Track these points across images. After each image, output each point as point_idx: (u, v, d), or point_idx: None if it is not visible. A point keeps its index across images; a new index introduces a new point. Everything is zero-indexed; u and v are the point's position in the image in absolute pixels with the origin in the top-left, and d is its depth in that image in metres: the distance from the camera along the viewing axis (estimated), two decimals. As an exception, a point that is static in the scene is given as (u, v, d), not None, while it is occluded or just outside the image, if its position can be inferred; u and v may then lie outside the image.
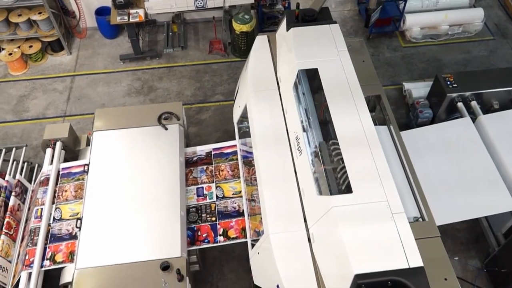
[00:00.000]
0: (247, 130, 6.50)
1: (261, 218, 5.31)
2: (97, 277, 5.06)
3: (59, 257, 5.40)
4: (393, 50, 9.31)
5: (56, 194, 5.97)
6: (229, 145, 6.51)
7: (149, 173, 5.92)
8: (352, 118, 5.25)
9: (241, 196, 5.95)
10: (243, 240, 5.58)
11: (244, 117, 6.47)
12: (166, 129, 6.39)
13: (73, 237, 5.54)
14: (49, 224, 5.71)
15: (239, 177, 6.13)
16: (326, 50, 5.98)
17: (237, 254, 6.39)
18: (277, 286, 4.52)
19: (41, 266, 5.32)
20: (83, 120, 8.12)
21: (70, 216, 5.76)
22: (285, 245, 4.67)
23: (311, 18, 6.42)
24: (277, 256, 4.58)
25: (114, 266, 5.11)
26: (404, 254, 4.10)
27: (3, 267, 5.50)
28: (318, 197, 4.77)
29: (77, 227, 5.53)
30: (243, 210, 5.81)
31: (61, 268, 5.36)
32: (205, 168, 6.30)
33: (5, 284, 5.41)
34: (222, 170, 6.25)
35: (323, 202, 4.65)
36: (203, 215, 5.84)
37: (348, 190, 4.68)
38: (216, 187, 6.08)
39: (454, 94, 6.97)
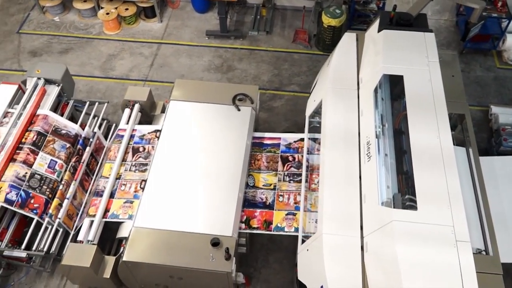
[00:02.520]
0: (318, 125, 6.43)
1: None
2: (151, 238, 5.29)
3: (92, 211, 5.77)
4: (486, 70, 8.74)
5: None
6: (271, 137, 6.53)
7: (215, 150, 6.05)
8: (430, 133, 5.04)
9: (271, 189, 5.96)
10: (263, 232, 5.61)
11: (317, 112, 6.40)
12: (239, 110, 6.47)
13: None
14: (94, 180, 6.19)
15: (273, 170, 6.15)
16: (416, 58, 5.75)
17: (285, 245, 6.40)
18: (321, 287, 4.48)
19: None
20: (162, 87, 8.42)
21: (108, 175, 6.09)
22: (337, 248, 4.61)
23: (406, 22, 6.18)
24: (326, 257, 4.53)
25: (168, 232, 5.31)
26: (462, 285, 3.90)
27: (61, 203, 5.93)
28: (380, 207, 4.65)
29: (140, 187, 5.79)
30: (269, 203, 5.82)
31: (120, 223, 5.67)
32: None
33: (59, 218, 5.79)
34: (258, 160, 6.26)
35: (384, 214, 4.53)
36: None
37: (413, 206, 4.52)
38: (248, 175, 6.09)
39: (547, 128, 6.45)
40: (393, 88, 5.81)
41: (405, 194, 4.91)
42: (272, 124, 7.92)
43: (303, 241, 5.25)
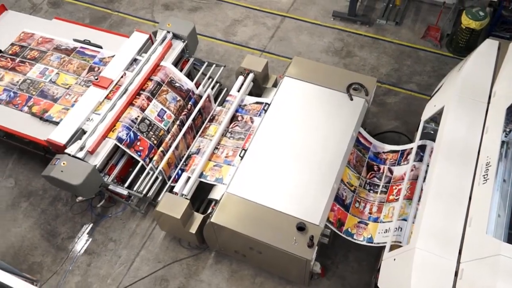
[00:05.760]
0: (432, 132, 6.04)
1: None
2: (240, 207, 5.41)
3: (190, 166, 5.96)
4: None
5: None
6: (364, 137, 6.30)
7: (319, 135, 5.94)
8: None
9: (351, 190, 5.78)
10: (334, 229, 5.44)
11: (433, 119, 5.99)
12: (352, 99, 6.26)
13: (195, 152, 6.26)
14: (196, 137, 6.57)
15: (358, 172, 5.95)
16: None
17: (368, 246, 6.16)
18: (402, 301, 4.27)
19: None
20: (277, 60, 8.41)
21: (206, 135, 6.36)
22: (428, 266, 4.33)
23: None
24: (414, 273, 4.29)
25: (258, 205, 5.38)
26: None
27: (163, 152, 6.27)
28: (486, 236, 4.24)
29: (239, 156, 5.90)
30: (347, 204, 5.66)
31: (213, 185, 5.86)
32: None
33: (160, 166, 6.10)
34: (351, 154, 6.00)
35: (490, 244, 4.13)
36: None
37: (527, 245, 4.06)
38: None
39: None
40: (532, 110, 5.20)
41: (520, 229, 4.44)
42: (381, 119, 7.57)
43: (391, 249, 5.02)
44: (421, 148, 5.89)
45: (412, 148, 6.00)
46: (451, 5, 8.43)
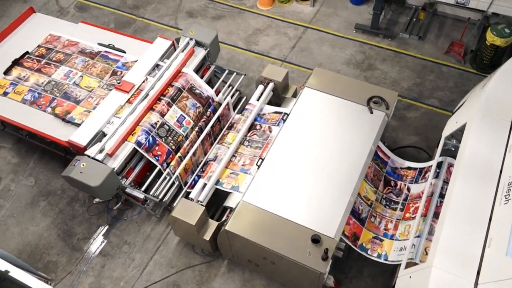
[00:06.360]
0: (453, 149, 5.95)
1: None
2: (255, 216, 5.39)
3: (206, 174, 5.97)
4: None
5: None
6: (382, 151, 6.23)
7: (338, 147, 5.91)
8: None
9: (368, 204, 5.71)
10: (349, 243, 5.36)
11: (454, 135, 5.90)
12: (372, 113, 6.21)
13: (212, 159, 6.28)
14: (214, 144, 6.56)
15: (375, 187, 5.89)
16: None
17: (384, 262, 6.07)
18: (417, 320, 4.18)
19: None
20: (298, 71, 8.42)
21: (224, 142, 6.41)
22: (445, 286, 4.24)
23: None
24: (430, 292, 4.20)
25: (272, 215, 5.35)
26: None
27: (181, 157, 6.29)
28: (506, 257, 4.13)
29: (257, 165, 5.89)
30: (362, 218, 5.59)
31: (229, 193, 5.85)
32: None
33: (177, 172, 6.13)
34: (368, 167, 5.93)
35: (510, 266, 4.02)
36: None
37: (549, 269, 3.94)
38: None
39: None
40: (557, 130, 5.08)
41: (541, 252, 4.31)
42: (400, 134, 7.49)
43: (406, 266, 4.93)
44: (438, 165, 5.80)
45: (430, 166, 5.92)
46: (476, 21, 8.33)
